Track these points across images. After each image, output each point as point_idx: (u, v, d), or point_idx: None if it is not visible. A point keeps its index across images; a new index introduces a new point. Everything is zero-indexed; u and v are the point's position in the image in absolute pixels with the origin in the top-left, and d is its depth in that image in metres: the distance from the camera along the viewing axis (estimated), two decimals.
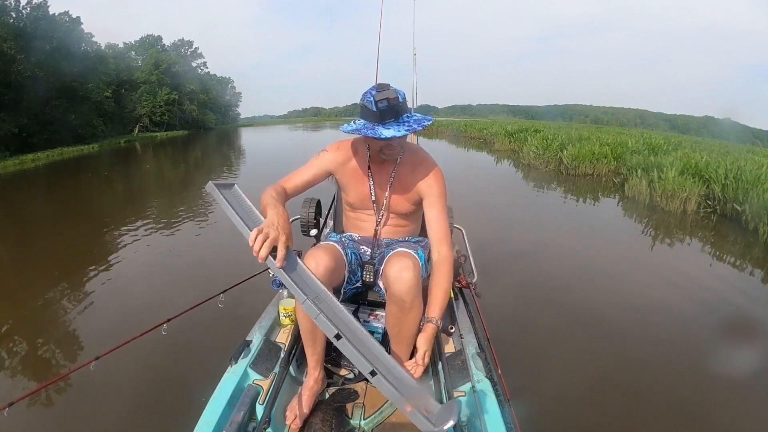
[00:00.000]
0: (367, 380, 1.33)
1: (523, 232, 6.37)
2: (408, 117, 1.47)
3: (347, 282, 1.70)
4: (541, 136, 16.10)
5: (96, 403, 2.50)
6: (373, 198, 1.71)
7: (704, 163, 8.59)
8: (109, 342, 1.79)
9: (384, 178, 1.69)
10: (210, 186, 1.27)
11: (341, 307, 1.27)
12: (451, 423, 1.09)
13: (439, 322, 1.48)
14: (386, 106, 1.41)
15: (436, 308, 1.49)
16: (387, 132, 1.42)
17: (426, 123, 1.48)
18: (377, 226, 1.74)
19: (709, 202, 7.45)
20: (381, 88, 1.44)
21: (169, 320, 1.90)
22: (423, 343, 1.43)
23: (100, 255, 5.43)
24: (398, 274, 1.45)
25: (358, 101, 1.53)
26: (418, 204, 1.71)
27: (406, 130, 1.43)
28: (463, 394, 1.55)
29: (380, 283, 1.69)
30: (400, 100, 1.44)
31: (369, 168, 1.68)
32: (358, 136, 1.54)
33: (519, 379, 1.98)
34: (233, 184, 1.35)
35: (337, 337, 1.15)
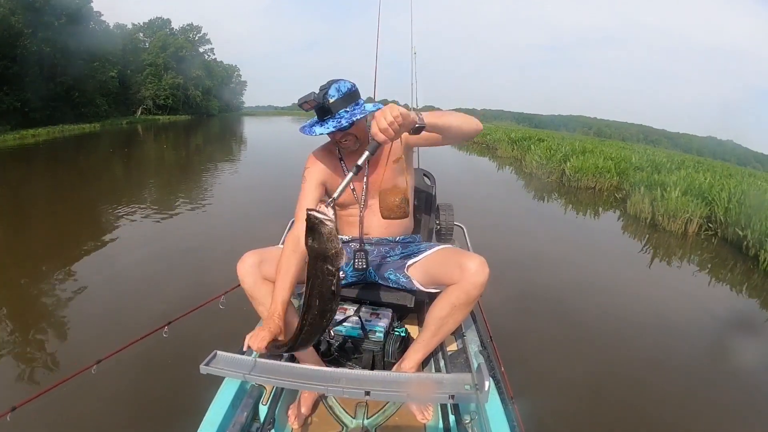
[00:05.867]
0: None
1: (523, 239, 6.37)
2: (345, 111, 1.49)
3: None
4: (544, 145, 16.07)
5: (98, 405, 2.46)
6: (352, 186, 1.69)
7: (708, 185, 8.57)
8: (110, 338, 1.77)
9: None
10: (204, 369, 1.36)
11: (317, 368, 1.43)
12: (487, 384, 1.20)
13: (419, 114, 1.24)
14: (308, 108, 1.46)
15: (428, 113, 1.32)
16: (318, 129, 1.49)
17: (357, 116, 1.49)
18: (361, 213, 1.74)
19: (711, 225, 7.42)
20: (322, 87, 1.50)
21: (170, 323, 1.89)
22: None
23: (98, 239, 5.39)
24: (480, 268, 1.45)
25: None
26: (402, 170, 1.66)
27: (333, 127, 1.47)
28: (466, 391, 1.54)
29: (390, 274, 1.69)
30: (333, 99, 1.47)
31: (342, 160, 1.70)
32: (325, 136, 1.60)
33: (521, 378, 2.01)
34: (214, 352, 1.43)
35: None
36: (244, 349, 1.38)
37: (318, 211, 1.08)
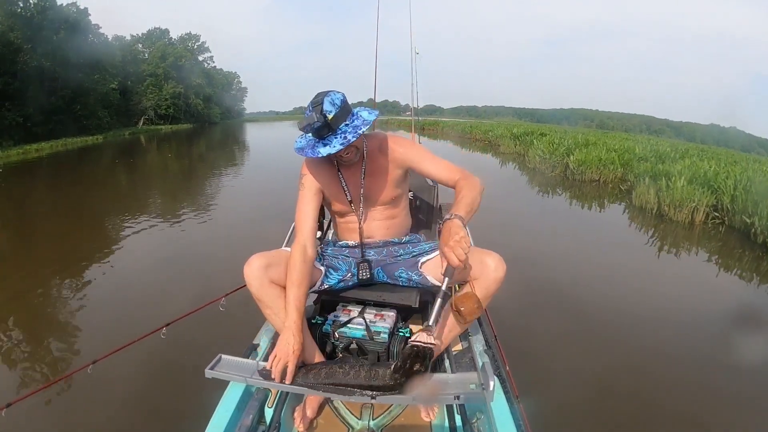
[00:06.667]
0: None
1: (527, 235, 6.34)
2: (346, 126, 1.48)
3: (341, 282, 1.75)
4: (547, 140, 16.01)
5: (99, 407, 2.46)
6: (349, 198, 1.72)
7: (713, 173, 8.49)
8: (111, 340, 1.78)
9: (356, 172, 1.70)
10: (209, 373, 1.38)
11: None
12: (492, 383, 1.20)
13: (463, 220, 1.40)
14: (312, 129, 1.46)
15: (458, 206, 1.45)
16: (324, 150, 1.46)
17: (363, 129, 1.48)
18: (360, 224, 1.75)
19: (718, 213, 7.36)
20: (314, 104, 1.45)
21: (168, 324, 1.91)
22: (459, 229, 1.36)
23: (101, 248, 5.42)
24: (499, 264, 1.50)
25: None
26: (400, 183, 1.73)
27: (340, 145, 1.45)
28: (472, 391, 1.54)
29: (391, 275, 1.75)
30: (332, 114, 1.44)
31: (339, 170, 1.70)
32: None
33: (527, 376, 2.02)
34: (219, 356, 1.45)
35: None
36: (273, 376, 1.36)
37: (423, 343, 1.25)
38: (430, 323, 1.31)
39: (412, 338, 1.32)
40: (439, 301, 1.34)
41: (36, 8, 23.44)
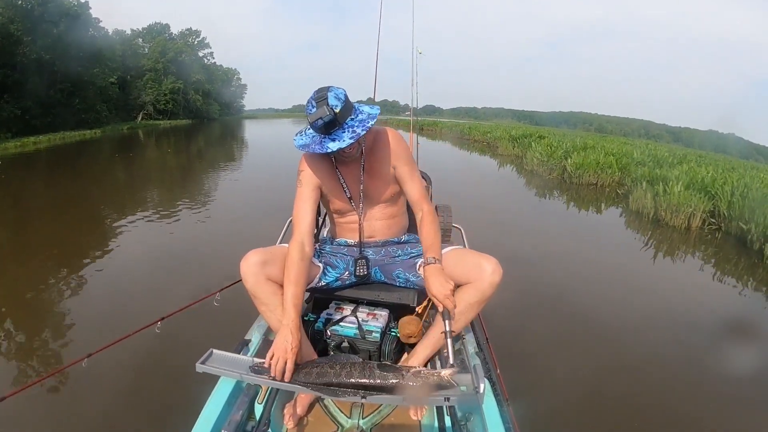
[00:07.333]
0: None
1: (523, 238, 6.33)
2: (352, 120, 1.48)
3: (338, 281, 1.75)
4: (545, 142, 16.02)
5: (91, 400, 2.46)
6: (349, 195, 1.71)
7: (710, 179, 8.49)
8: (105, 334, 1.78)
9: (355, 169, 1.69)
10: (200, 367, 1.36)
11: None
12: (482, 385, 1.21)
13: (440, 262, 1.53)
14: (323, 124, 1.43)
15: (435, 250, 1.55)
16: (333, 145, 1.45)
17: (370, 122, 1.49)
18: (360, 222, 1.75)
19: (714, 219, 7.37)
20: (318, 99, 1.44)
21: (162, 318, 1.92)
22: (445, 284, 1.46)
23: (97, 241, 5.42)
24: (496, 268, 1.53)
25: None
26: (396, 179, 1.73)
27: (350, 139, 1.44)
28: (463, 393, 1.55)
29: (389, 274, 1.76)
30: (338, 108, 1.44)
31: (336, 167, 1.69)
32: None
33: (517, 379, 2.02)
34: (210, 350, 1.42)
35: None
36: (272, 374, 1.34)
37: (449, 376, 1.29)
38: (451, 362, 1.35)
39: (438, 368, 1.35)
40: (449, 341, 1.38)
41: (36, 0, 23.33)
